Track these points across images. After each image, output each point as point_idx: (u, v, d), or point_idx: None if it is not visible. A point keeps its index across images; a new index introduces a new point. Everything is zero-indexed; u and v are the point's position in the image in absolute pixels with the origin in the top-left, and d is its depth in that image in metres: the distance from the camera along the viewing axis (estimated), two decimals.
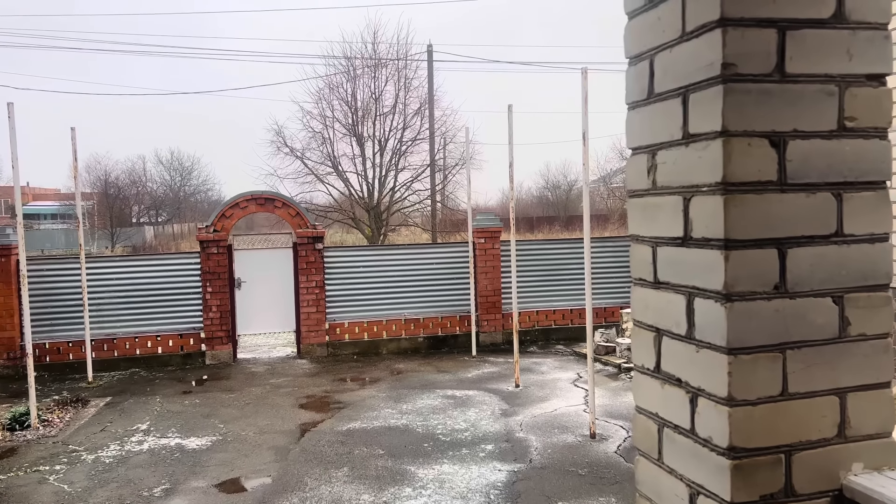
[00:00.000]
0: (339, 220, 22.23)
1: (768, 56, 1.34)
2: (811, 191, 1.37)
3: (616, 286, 12.28)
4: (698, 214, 1.41)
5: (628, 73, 1.65)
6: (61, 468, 6.39)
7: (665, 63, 1.51)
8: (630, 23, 1.63)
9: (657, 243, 1.57)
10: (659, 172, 1.55)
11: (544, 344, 11.73)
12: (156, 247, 39.67)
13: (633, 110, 1.64)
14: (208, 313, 11.01)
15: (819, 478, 1.40)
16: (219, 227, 11.06)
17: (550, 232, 37.29)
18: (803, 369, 1.38)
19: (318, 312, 11.38)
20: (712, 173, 1.36)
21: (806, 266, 1.38)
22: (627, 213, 1.70)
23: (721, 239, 1.35)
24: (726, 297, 1.34)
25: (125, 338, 10.77)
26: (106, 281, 10.75)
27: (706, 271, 1.39)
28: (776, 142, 1.35)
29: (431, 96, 22.90)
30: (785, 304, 1.37)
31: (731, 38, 1.32)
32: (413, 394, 8.67)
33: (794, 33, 1.35)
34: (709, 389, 1.41)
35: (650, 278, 1.60)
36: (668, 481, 1.57)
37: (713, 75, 1.34)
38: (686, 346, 1.48)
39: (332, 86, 21.95)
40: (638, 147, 1.63)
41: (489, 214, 12.38)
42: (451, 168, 22.98)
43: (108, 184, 44.99)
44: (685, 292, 1.47)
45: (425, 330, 11.71)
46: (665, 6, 1.49)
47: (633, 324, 1.69)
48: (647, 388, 1.64)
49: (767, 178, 1.35)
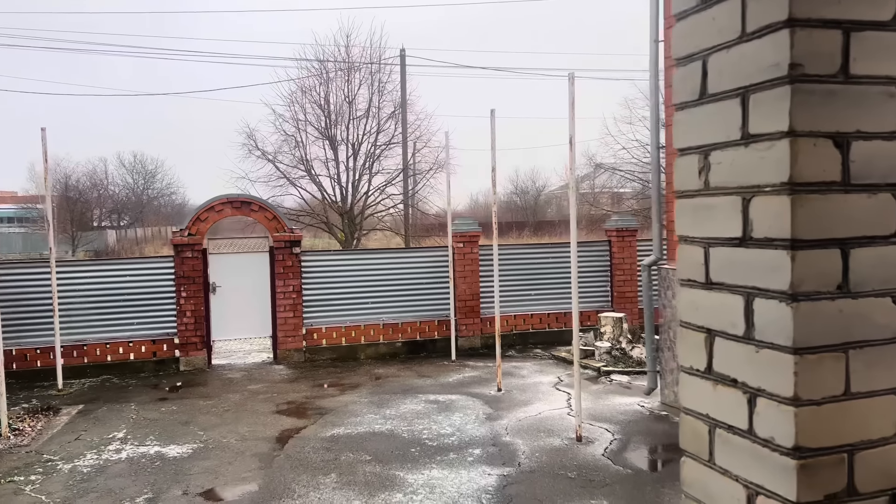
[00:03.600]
0: (312, 224, 22.02)
1: (833, 57, 1.35)
2: (872, 191, 1.38)
3: (592, 291, 12.39)
4: (760, 214, 1.41)
5: (677, 74, 1.65)
6: (37, 478, 6.19)
7: (721, 63, 1.50)
8: (679, 24, 1.63)
9: (710, 244, 1.56)
10: (713, 173, 1.54)
11: (522, 348, 11.77)
12: (118, 251, 38.88)
13: (683, 111, 1.63)
14: (182, 318, 10.80)
15: (880, 477, 1.41)
16: (194, 231, 10.87)
17: (520, 237, 37.57)
18: (865, 369, 1.39)
19: (296, 317, 11.25)
20: (777, 173, 1.36)
21: (868, 266, 1.38)
22: (675, 214, 1.69)
23: (787, 239, 1.34)
24: (792, 296, 1.34)
25: (96, 344, 10.51)
26: (76, 286, 10.48)
27: (769, 271, 1.39)
28: (840, 142, 1.36)
29: (404, 100, 22.86)
30: (848, 304, 1.37)
31: (799, 39, 1.32)
32: (395, 399, 8.61)
33: (857, 34, 1.36)
34: (770, 389, 1.40)
35: (701, 279, 1.60)
36: (721, 483, 1.56)
37: (780, 75, 1.34)
38: (744, 346, 1.47)
39: (304, 89, 21.80)
40: (688, 148, 1.62)
41: (468, 219, 12.40)
42: (426, 172, 22.95)
43: (69, 187, 43.95)
44: (743, 293, 1.47)
45: (404, 335, 11.66)
46: (721, 6, 1.49)
47: (680, 325, 1.69)
48: (696, 390, 1.64)
49: (832, 178, 1.36)
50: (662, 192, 8.35)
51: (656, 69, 8.03)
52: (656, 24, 7.74)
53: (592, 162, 30.56)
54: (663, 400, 7.96)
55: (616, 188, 36.37)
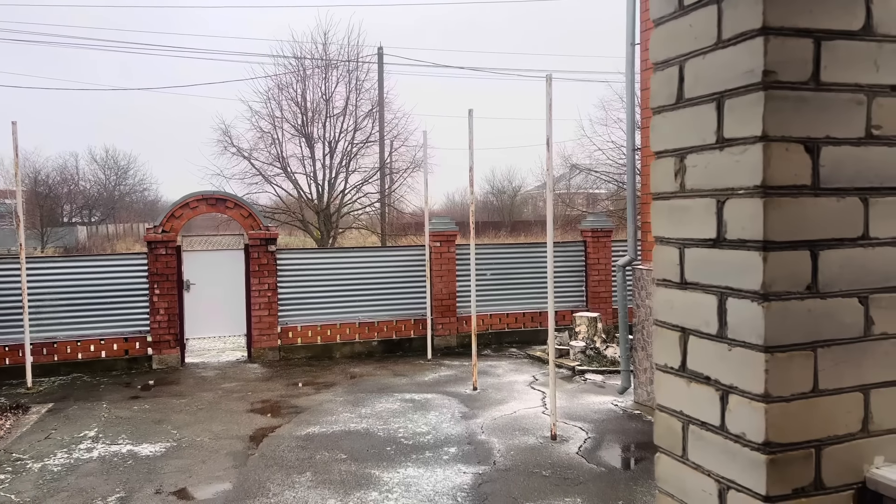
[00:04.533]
0: (288, 223, 21.86)
1: (805, 64, 1.39)
2: (841, 195, 1.43)
3: (568, 290, 12.48)
4: (734, 216, 1.45)
5: (654, 78, 1.69)
6: (6, 477, 6.09)
7: (697, 69, 1.54)
8: (658, 29, 1.67)
9: (685, 245, 1.60)
10: (688, 175, 1.59)
11: (498, 347, 11.82)
12: (89, 247, 38.19)
13: (660, 115, 1.67)
14: (155, 316, 10.68)
15: (845, 471, 1.46)
16: (168, 228, 10.75)
17: (496, 237, 37.63)
18: (832, 366, 1.44)
19: (271, 316, 11.18)
20: (751, 177, 1.40)
21: (836, 267, 1.43)
22: (652, 216, 1.73)
23: (759, 240, 1.39)
24: (763, 296, 1.39)
25: (66, 342, 10.34)
26: (46, 282, 10.31)
27: (742, 272, 1.43)
28: (811, 147, 1.41)
29: (381, 99, 22.82)
30: (816, 303, 1.42)
31: (773, 47, 1.36)
32: (371, 398, 8.61)
33: (828, 43, 1.40)
34: (742, 387, 1.45)
35: (676, 279, 1.64)
36: (694, 478, 1.60)
37: (753, 82, 1.39)
38: (717, 345, 1.51)
39: (281, 86, 21.63)
40: (664, 151, 1.66)
41: (445, 218, 12.42)
42: (403, 171, 22.92)
43: (38, 181, 43.11)
44: (716, 292, 1.51)
45: (380, 333, 11.64)
46: (698, 13, 1.53)
47: (655, 324, 1.73)
48: (670, 387, 1.68)
49: (803, 182, 1.40)
50: (637, 193, 8.44)
51: (632, 72, 8.12)
52: (633, 27, 7.82)
53: (568, 163, 30.77)
54: (637, 399, 8.06)
55: (591, 189, 36.63)
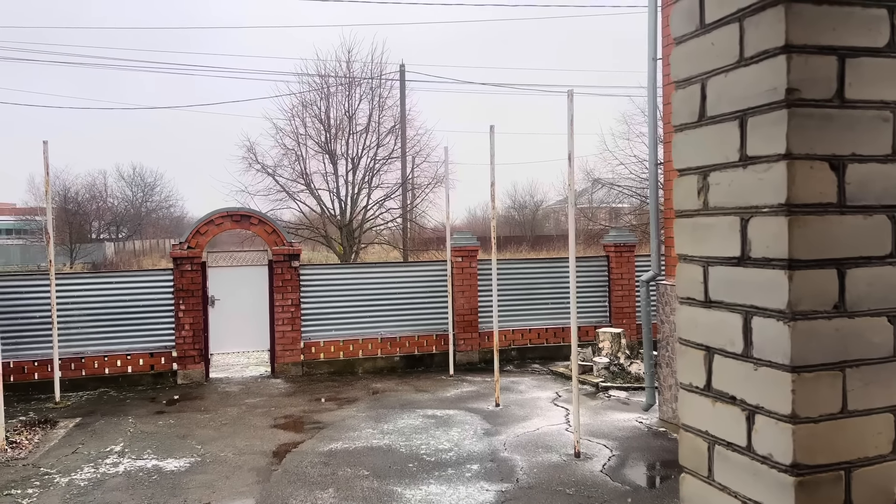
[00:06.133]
0: (311, 238, 22.03)
1: (829, 82, 1.38)
2: (868, 213, 1.41)
3: (591, 306, 12.40)
4: (758, 235, 1.44)
5: (676, 96, 1.68)
6: (34, 492, 6.17)
7: (719, 87, 1.54)
8: (678, 47, 1.67)
9: (709, 263, 1.59)
10: (711, 193, 1.58)
11: (520, 363, 11.76)
12: (116, 263, 38.80)
13: (682, 132, 1.67)
14: (181, 332, 10.79)
15: (876, 493, 1.43)
16: (193, 244, 10.89)
17: (518, 251, 37.62)
18: (862, 387, 1.41)
19: (294, 331, 11.25)
20: (775, 195, 1.39)
21: (863, 286, 1.41)
22: (675, 233, 1.72)
23: (785, 259, 1.37)
24: (790, 315, 1.37)
25: (94, 356, 10.49)
26: (75, 298, 10.48)
27: (767, 290, 1.42)
28: (836, 165, 1.39)
29: (403, 115, 22.98)
30: (844, 323, 1.40)
31: (796, 65, 1.36)
32: (393, 413, 8.60)
33: (852, 61, 1.39)
34: (769, 407, 1.43)
35: (700, 297, 1.62)
36: (720, 499, 1.58)
37: (777, 100, 1.38)
38: (742, 364, 1.50)
39: (305, 103, 21.90)
40: (687, 168, 1.66)
41: (466, 233, 12.43)
42: (425, 187, 23.02)
43: (68, 199, 43.99)
44: (741, 311, 1.49)
45: (401, 349, 11.65)
46: (720, 32, 1.53)
47: (679, 342, 1.71)
48: (695, 407, 1.66)
49: (828, 200, 1.39)
50: (660, 207, 8.39)
51: (654, 86, 8.10)
52: (654, 43, 7.81)
53: (590, 177, 30.68)
54: (661, 416, 7.96)
55: (614, 203, 36.47)
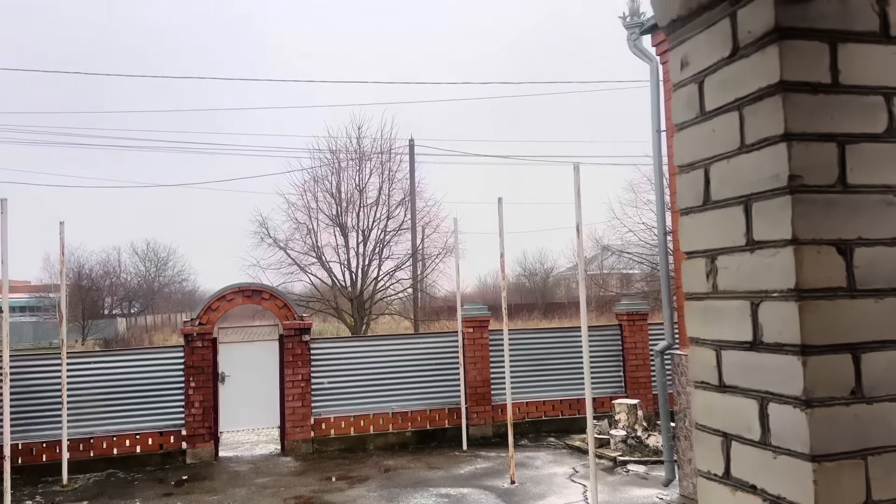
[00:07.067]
0: (322, 310, 22.04)
1: (831, 168, 1.40)
2: (879, 296, 1.40)
3: (605, 376, 12.21)
4: (769, 319, 1.43)
5: (680, 179, 1.71)
6: None
7: (722, 172, 1.56)
8: (680, 133, 1.70)
9: (721, 347, 1.58)
10: (720, 277, 1.58)
11: (535, 437, 11.51)
12: (128, 339, 38.79)
13: (688, 216, 1.68)
14: (190, 409, 10.68)
15: None
16: (204, 321, 10.90)
17: (529, 320, 37.33)
18: (885, 476, 1.37)
19: (304, 407, 11.11)
20: (783, 280, 1.39)
21: (880, 371, 1.39)
22: (685, 316, 1.71)
23: (797, 345, 1.36)
24: (806, 402, 1.35)
25: (103, 437, 10.36)
26: (85, 377, 10.44)
27: (782, 376, 1.40)
28: (843, 249, 1.39)
29: (413, 188, 23.33)
30: (863, 409, 1.37)
31: (797, 152, 1.38)
32: (405, 493, 8.38)
33: (852, 147, 1.41)
34: (791, 498, 1.38)
35: (715, 382, 1.60)
36: None
37: (779, 186, 1.39)
38: (761, 452, 1.46)
39: (317, 178, 22.33)
40: (694, 251, 1.66)
41: (477, 303, 12.40)
42: (435, 257, 23.14)
43: (82, 275, 44.45)
44: (757, 397, 1.47)
45: (413, 423, 11.45)
46: (720, 119, 1.56)
47: (696, 428, 1.68)
48: (715, 495, 1.61)
49: (837, 284, 1.38)
50: (671, 275, 8.37)
51: (660, 156, 8.22)
52: (658, 115, 7.97)
53: (599, 244, 30.79)
54: (682, 492, 7.71)
55: (625, 269, 36.43)
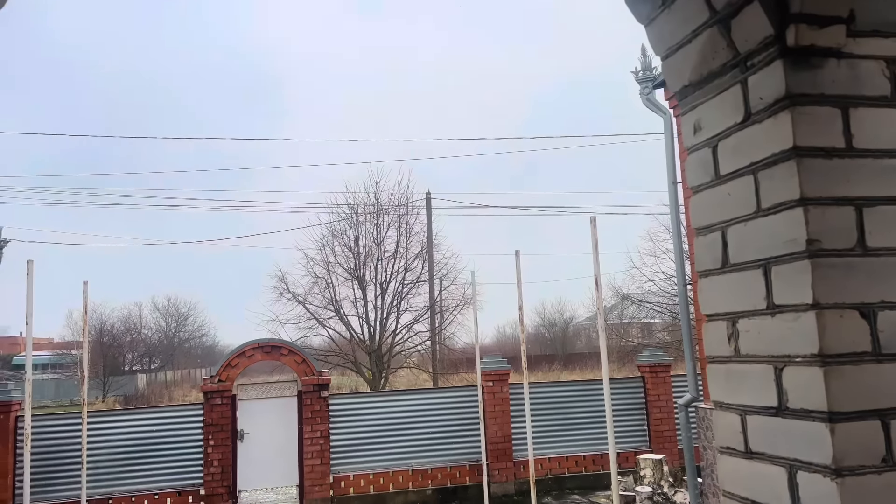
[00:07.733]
0: (340, 364, 21.95)
1: (849, 231, 1.40)
2: None
3: (629, 430, 11.95)
4: (794, 385, 1.41)
5: (698, 242, 1.71)
6: None
7: (740, 236, 1.56)
8: (696, 196, 1.71)
9: (746, 412, 1.55)
10: (742, 340, 1.56)
11: (559, 494, 11.23)
12: (148, 395, 38.68)
13: (707, 278, 1.68)
14: (209, 468, 10.58)
15: None
16: (224, 377, 10.89)
17: (549, 371, 36.80)
18: None
19: (323, 465, 10.96)
20: (807, 345, 1.37)
21: None
22: (708, 379, 1.69)
23: (824, 411, 1.34)
24: (836, 471, 1.32)
25: (121, 497, 10.26)
26: (105, 437, 10.41)
27: (810, 444, 1.37)
28: (866, 313, 1.38)
29: (430, 240, 23.44)
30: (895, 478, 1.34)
31: (813, 216, 1.38)
32: None
33: (870, 209, 1.41)
34: None
35: (741, 448, 1.57)
36: None
37: (798, 250, 1.39)
38: None
39: (335, 232, 22.54)
40: (715, 314, 1.65)
41: (496, 356, 12.27)
42: (453, 309, 23.08)
43: (103, 332, 44.72)
44: (785, 465, 1.44)
45: (433, 481, 11.23)
46: (735, 183, 1.57)
47: (723, 496, 1.64)
48: None
49: (862, 348, 1.37)
50: (692, 324, 8.26)
51: (676, 206, 8.21)
52: (673, 167, 8.00)
53: (619, 294, 30.55)
54: None
55: (645, 319, 36.03)
